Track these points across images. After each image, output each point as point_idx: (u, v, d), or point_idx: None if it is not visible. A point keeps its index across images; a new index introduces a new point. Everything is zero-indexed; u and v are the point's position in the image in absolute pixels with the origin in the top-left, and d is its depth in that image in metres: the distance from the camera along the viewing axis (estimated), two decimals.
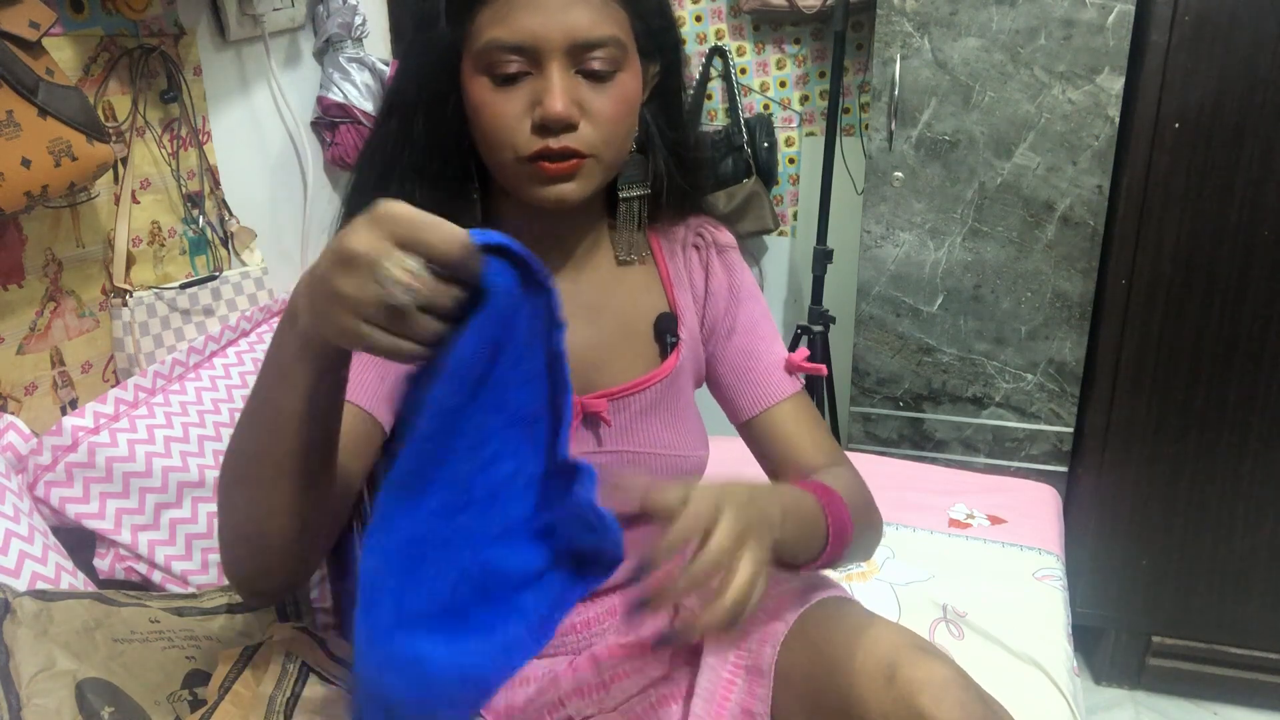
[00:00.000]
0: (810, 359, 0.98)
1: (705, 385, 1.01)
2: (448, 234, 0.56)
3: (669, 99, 0.93)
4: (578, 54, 0.79)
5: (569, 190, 0.83)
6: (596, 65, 0.80)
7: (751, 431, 0.98)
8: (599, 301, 0.94)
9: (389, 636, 0.62)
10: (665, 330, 0.95)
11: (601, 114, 0.81)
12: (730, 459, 1.70)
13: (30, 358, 1.12)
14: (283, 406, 0.67)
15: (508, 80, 0.80)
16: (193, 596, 0.97)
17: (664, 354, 0.94)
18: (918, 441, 1.97)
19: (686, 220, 0.99)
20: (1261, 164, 1.58)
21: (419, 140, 0.87)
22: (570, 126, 0.80)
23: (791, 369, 0.96)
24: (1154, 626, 1.88)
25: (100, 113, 1.18)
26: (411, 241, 0.55)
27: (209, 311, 1.32)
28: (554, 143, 0.80)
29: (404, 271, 0.54)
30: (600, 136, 0.82)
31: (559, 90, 0.78)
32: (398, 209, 0.56)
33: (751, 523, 0.69)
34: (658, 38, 0.88)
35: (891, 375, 1.93)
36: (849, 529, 0.84)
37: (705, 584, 0.66)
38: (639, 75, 0.85)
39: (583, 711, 0.91)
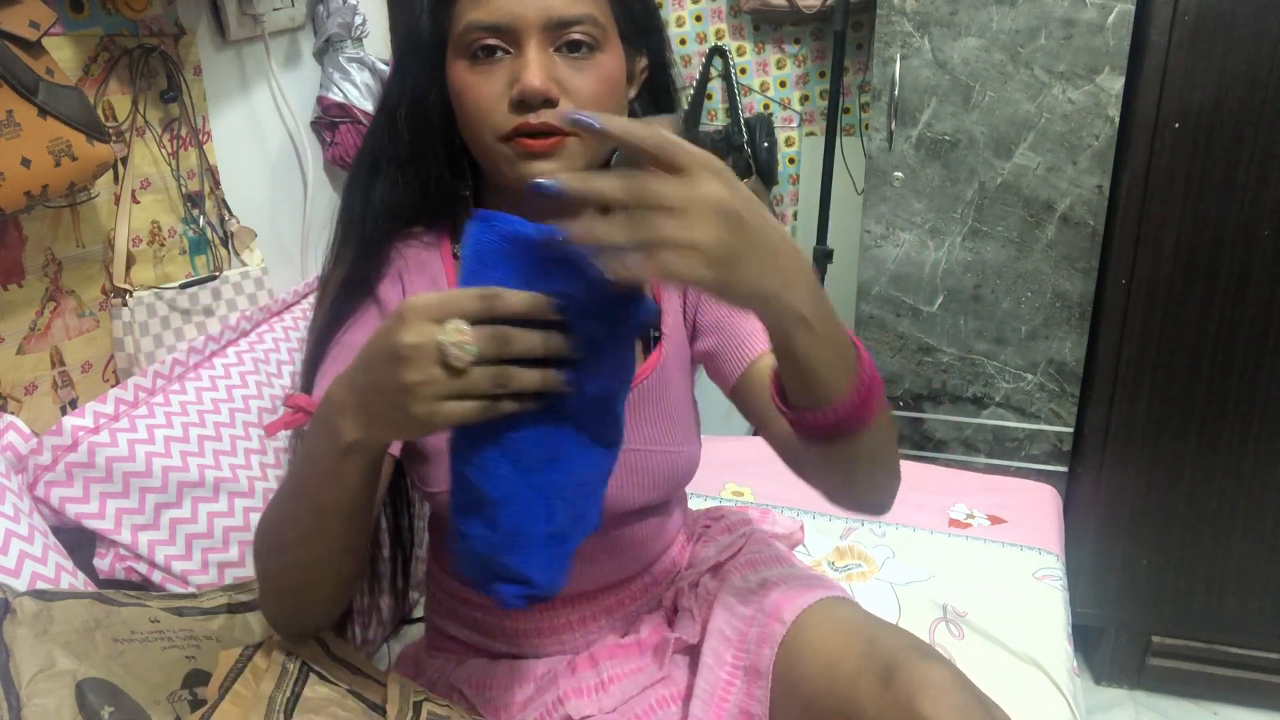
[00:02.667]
0: None
1: (703, 371, 0.99)
2: (469, 293, 0.59)
3: (659, 94, 0.93)
4: (554, 32, 0.80)
5: (549, 169, 0.82)
6: (574, 44, 0.80)
7: (740, 393, 0.91)
8: None
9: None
10: (648, 326, 0.94)
11: (581, 92, 0.81)
12: (732, 461, 1.70)
13: (30, 358, 1.12)
14: (327, 504, 0.70)
15: (487, 62, 0.81)
16: (193, 596, 0.98)
17: (646, 350, 0.94)
18: (918, 441, 1.97)
19: None
20: (1261, 164, 1.58)
21: (406, 137, 0.87)
22: (549, 102, 0.80)
23: None
24: (1154, 626, 1.88)
25: (100, 113, 1.18)
26: (446, 314, 0.59)
27: (209, 311, 1.32)
28: (533, 118, 0.80)
29: (455, 333, 0.58)
30: None
31: (536, 65, 0.79)
32: (419, 300, 0.60)
33: (740, 210, 0.58)
34: (640, 27, 0.88)
35: (891, 375, 1.93)
36: (878, 384, 0.71)
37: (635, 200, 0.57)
38: (620, 59, 0.85)
39: (581, 711, 0.91)
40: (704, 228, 0.57)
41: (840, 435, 0.71)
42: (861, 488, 0.80)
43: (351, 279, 0.89)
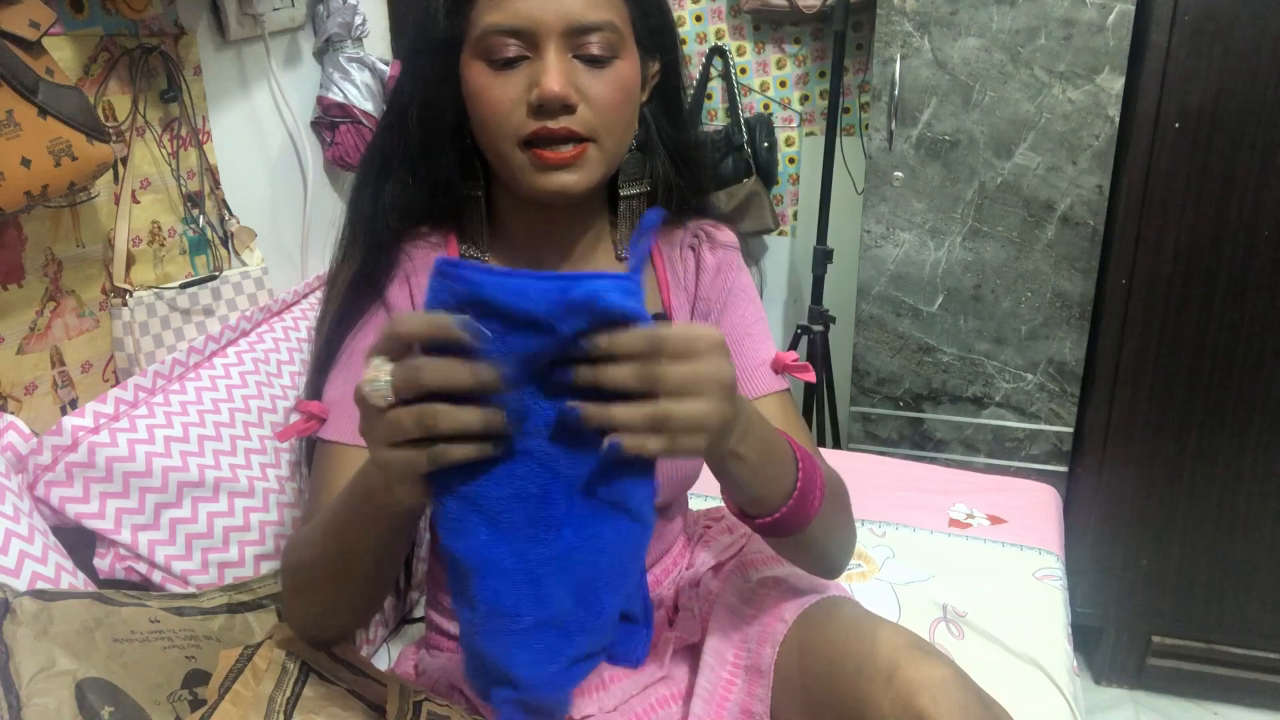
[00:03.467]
0: (810, 359, 0.97)
1: None
2: (405, 318, 0.55)
3: (670, 99, 0.93)
4: (574, 37, 0.80)
5: (569, 180, 0.82)
6: (594, 50, 0.80)
7: None
8: None
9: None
10: None
11: (599, 98, 0.81)
12: None
13: (30, 358, 1.12)
14: (356, 548, 0.72)
15: (505, 64, 0.80)
16: (193, 596, 0.98)
17: None
18: (918, 441, 1.97)
19: (686, 222, 0.99)
20: (1261, 164, 1.58)
21: (416, 137, 0.87)
22: (568, 108, 0.80)
23: (778, 369, 0.95)
24: (1154, 626, 1.88)
25: (100, 112, 1.18)
26: (385, 347, 0.56)
27: (209, 311, 1.32)
28: (552, 124, 0.80)
29: (373, 369, 0.55)
30: (599, 120, 0.82)
31: (555, 71, 0.79)
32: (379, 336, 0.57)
33: (728, 393, 0.61)
34: (656, 34, 0.88)
35: (891, 375, 1.93)
36: (818, 490, 0.79)
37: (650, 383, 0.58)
38: (637, 66, 0.85)
39: (582, 710, 0.91)
40: (709, 406, 0.60)
41: (782, 534, 0.79)
42: (811, 565, 0.89)
43: (360, 279, 0.89)
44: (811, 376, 0.97)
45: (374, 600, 0.81)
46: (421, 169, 0.88)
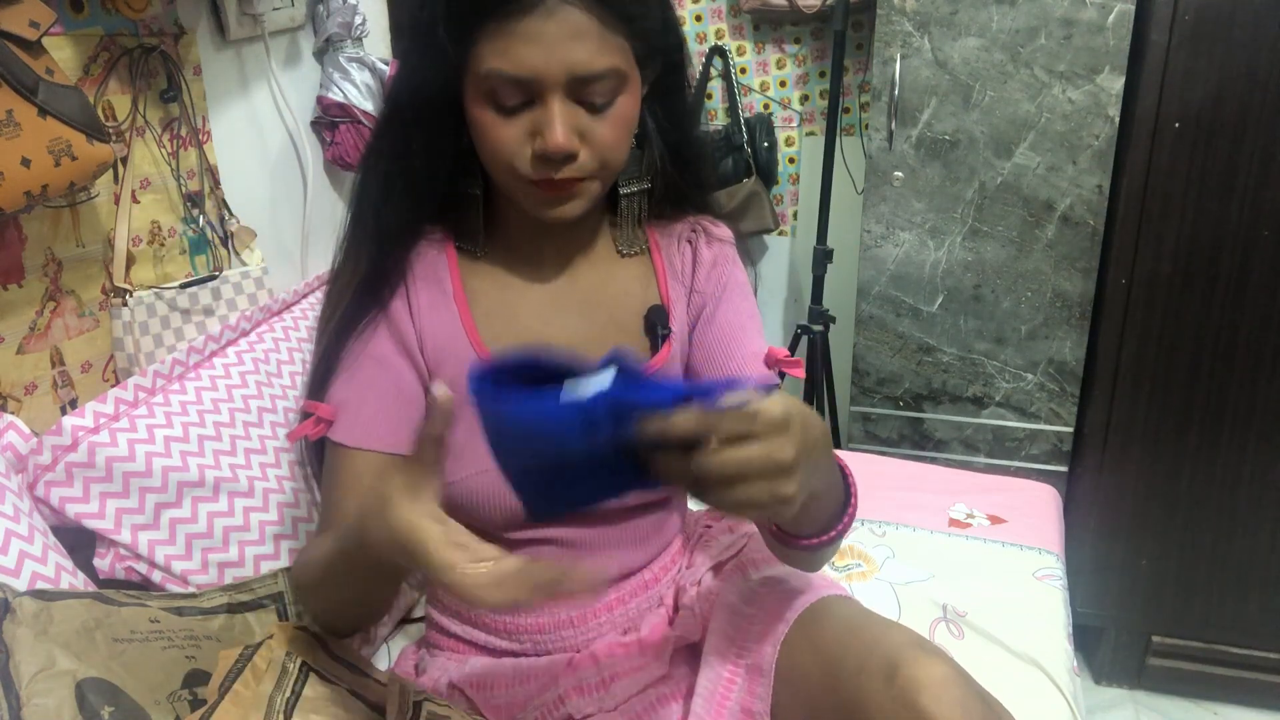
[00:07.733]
0: (810, 359, 0.98)
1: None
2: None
3: (669, 97, 0.93)
4: (577, 86, 0.80)
5: (570, 209, 0.85)
6: (596, 97, 0.81)
7: None
8: (593, 296, 0.94)
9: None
10: (656, 323, 0.95)
11: (601, 141, 0.83)
12: None
13: (30, 357, 1.12)
14: (351, 593, 0.80)
15: (510, 109, 0.81)
16: (193, 596, 0.97)
17: (655, 347, 0.95)
18: (918, 441, 1.97)
19: (686, 217, 0.99)
20: (1261, 164, 1.58)
21: (420, 148, 0.87)
22: (570, 157, 0.82)
23: (770, 363, 0.96)
24: (1154, 626, 1.88)
25: (100, 112, 1.18)
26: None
27: (209, 311, 1.32)
28: (555, 175, 0.82)
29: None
30: (600, 160, 0.84)
31: (559, 123, 0.79)
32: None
33: (802, 451, 0.62)
34: (660, 49, 0.88)
35: (891, 375, 1.93)
36: (855, 511, 0.83)
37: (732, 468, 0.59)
38: (638, 96, 0.87)
39: (582, 710, 0.91)
40: (792, 478, 0.61)
41: (819, 549, 0.82)
42: (809, 568, 0.92)
43: (364, 284, 0.90)
44: (801, 372, 1.00)
45: (387, 605, 0.89)
46: (422, 170, 0.88)
